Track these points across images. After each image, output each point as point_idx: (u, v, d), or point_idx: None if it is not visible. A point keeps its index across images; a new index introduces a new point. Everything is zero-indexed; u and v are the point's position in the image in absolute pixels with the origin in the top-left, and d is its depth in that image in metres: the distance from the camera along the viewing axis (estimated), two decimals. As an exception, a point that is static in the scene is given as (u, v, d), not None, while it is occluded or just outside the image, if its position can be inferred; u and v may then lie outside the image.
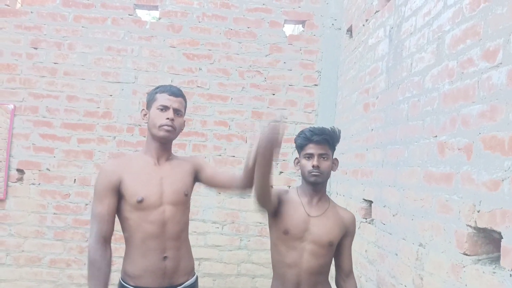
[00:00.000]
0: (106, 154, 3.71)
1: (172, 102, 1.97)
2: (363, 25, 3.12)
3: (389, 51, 2.53)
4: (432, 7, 1.96)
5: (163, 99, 1.97)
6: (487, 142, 1.44)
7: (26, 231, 3.63)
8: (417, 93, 2.06)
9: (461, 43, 1.67)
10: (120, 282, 1.98)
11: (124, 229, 1.98)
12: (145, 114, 2.02)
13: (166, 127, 1.94)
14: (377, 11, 2.82)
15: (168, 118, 1.93)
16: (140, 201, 1.89)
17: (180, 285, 1.97)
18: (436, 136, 1.83)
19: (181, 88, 3.87)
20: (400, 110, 2.28)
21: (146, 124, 2.03)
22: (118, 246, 2.25)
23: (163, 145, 2.01)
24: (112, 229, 1.96)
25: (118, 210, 1.95)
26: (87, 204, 3.67)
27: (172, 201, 1.95)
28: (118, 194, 1.93)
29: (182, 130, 2.08)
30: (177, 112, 1.98)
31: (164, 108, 1.95)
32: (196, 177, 2.10)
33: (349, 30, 3.56)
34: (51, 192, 3.67)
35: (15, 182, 3.65)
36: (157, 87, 2.05)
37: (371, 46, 2.89)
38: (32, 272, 3.63)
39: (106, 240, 1.93)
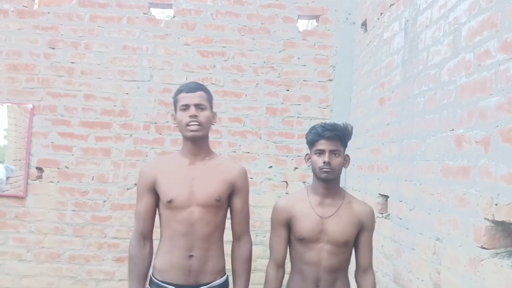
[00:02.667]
0: (123, 151, 3.76)
1: (191, 98, 1.95)
2: (378, 19, 3.09)
3: (405, 44, 2.50)
4: (448, -1, 1.94)
5: (182, 98, 1.97)
6: (505, 135, 1.42)
7: (46, 228, 3.71)
8: (434, 86, 2.04)
9: (477, 35, 1.65)
10: (150, 275, 2.03)
11: (160, 224, 2.03)
12: (175, 118, 2.03)
13: (191, 126, 1.93)
14: (392, 4, 2.79)
15: (190, 116, 1.93)
16: (170, 201, 1.94)
17: (206, 284, 1.96)
18: (453, 130, 1.81)
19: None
20: (416, 104, 2.26)
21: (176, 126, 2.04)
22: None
23: (196, 144, 1.99)
24: (151, 227, 2.03)
25: (157, 206, 2.03)
26: (105, 201, 3.73)
27: (201, 203, 1.94)
28: (155, 193, 1.99)
29: (213, 123, 2.04)
30: (199, 106, 1.95)
31: (186, 107, 1.95)
32: (229, 191, 2.04)
33: (364, 24, 3.53)
34: (70, 190, 3.73)
35: (35, 180, 3.72)
36: (177, 89, 2.05)
37: (386, 39, 2.86)
38: (52, 268, 3.71)
39: (144, 237, 2.01)
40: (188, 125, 1.93)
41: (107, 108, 3.76)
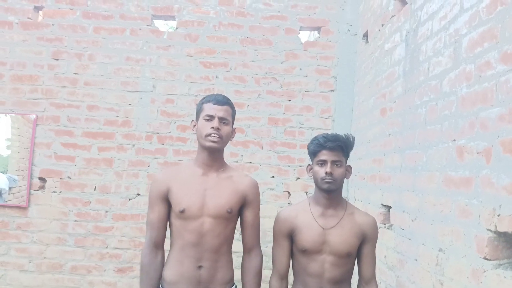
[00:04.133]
0: (126, 162, 3.77)
1: (217, 110, 1.97)
2: (379, 30, 3.12)
3: (406, 55, 2.52)
4: (449, 11, 1.95)
5: (208, 108, 1.98)
6: (507, 145, 1.43)
7: (48, 238, 3.71)
8: (435, 97, 2.05)
9: (478, 46, 1.66)
10: (160, 286, 2.02)
11: (170, 234, 2.03)
12: (194, 125, 2.03)
13: (211, 137, 1.94)
14: (393, 16, 2.82)
15: (213, 127, 1.94)
16: (182, 211, 1.94)
17: None
18: (455, 140, 1.81)
19: (198, 96, 3.93)
20: (417, 115, 2.27)
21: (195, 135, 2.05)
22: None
23: (212, 155, 2.00)
24: (164, 235, 2.03)
25: (168, 216, 2.03)
26: (107, 212, 3.73)
27: (212, 214, 1.95)
28: (168, 202, 1.99)
29: (231, 139, 2.07)
30: (223, 120, 1.97)
31: (210, 118, 1.96)
32: (241, 203, 2.04)
33: (365, 35, 3.56)
34: (72, 200, 3.74)
35: (37, 190, 3.73)
36: (204, 97, 2.06)
37: (388, 50, 2.88)
38: (54, 278, 3.70)
39: (156, 246, 2.02)
40: (209, 136, 1.95)
41: (110, 118, 3.78)
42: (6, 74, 3.76)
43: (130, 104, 3.80)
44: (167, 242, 2.05)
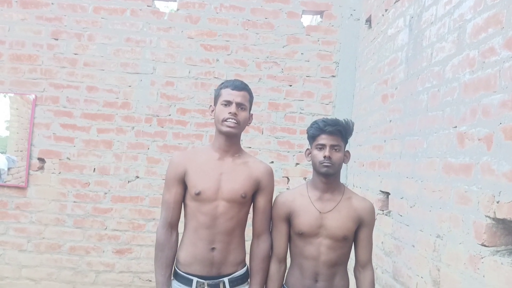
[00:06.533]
0: (125, 144, 3.76)
1: (235, 96, 1.98)
2: (383, 15, 3.08)
3: (409, 41, 2.49)
4: (454, -5, 1.92)
5: (226, 93, 1.99)
6: (508, 132, 1.42)
7: (46, 219, 3.72)
8: (437, 83, 2.03)
9: (482, 32, 1.64)
10: (174, 266, 2.06)
11: (185, 215, 2.06)
12: (212, 110, 2.05)
13: (228, 122, 1.96)
14: (397, 1, 2.78)
15: (230, 113, 1.95)
16: (198, 194, 1.97)
17: (228, 275, 2.01)
18: (456, 127, 1.80)
19: (198, 79, 3.90)
20: (419, 101, 2.25)
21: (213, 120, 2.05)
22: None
23: (228, 140, 2.03)
24: (178, 216, 2.06)
25: (184, 197, 2.05)
26: (105, 193, 3.73)
27: (227, 198, 1.98)
28: (184, 184, 2.02)
29: (248, 124, 2.08)
30: (240, 106, 1.99)
31: (228, 103, 1.97)
32: (255, 189, 2.06)
33: (368, 21, 3.52)
34: (71, 181, 3.74)
35: (36, 170, 3.73)
36: (222, 83, 2.08)
37: (391, 36, 2.85)
38: (53, 258, 3.72)
39: (172, 225, 2.05)
40: (226, 121, 1.96)
41: (110, 100, 3.76)
42: (5, 53, 3.72)
43: (129, 86, 3.77)
44: (180, 225, 2.08)
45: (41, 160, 3.74)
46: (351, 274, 2.11)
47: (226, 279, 2.00)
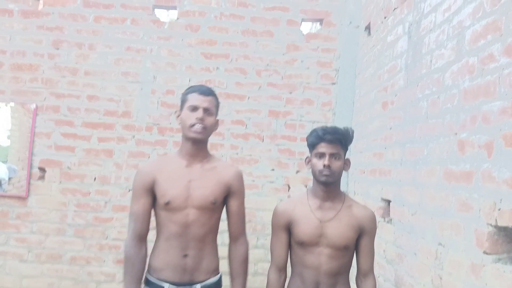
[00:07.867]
0: (126, 153, 3.75)
1: (202, 101, 1.97)
2: (382, 22, 3.09)
3: (408, 48, 2.50)
4: (452, 2, 1.93)
5: (193, 99, 1.98)
6: (509, 139, 1.41)
7: (47, 228, 3.70)
8: (437, 90, 2.03)
9: (481, 38, 1.64)
10: (145, 274, 2.03)
11: (156, 224, 2.04)
12: (178, 116, 2.03)
13: (195, 127, 1.94)
14: (395, 8, 2.79)
15: (197, 118, 1.94)
16: (167, 203, 1.95)
17: (201, 282, 1.99)
18: (456, 134, 1.80)
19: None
20: (419, 108, 2.25)
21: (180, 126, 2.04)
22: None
23: (196, 146, 2.01)
24: (148, 228, 2.03)
25: (153, 206, 2.03)
26: (106, 202, 3.73)
27: (197, 205, 1.96)
28: (153, 194, 1.99)
29: (215, 130, 2.07)
30: (207, 111, 1.97)
31: (194, 108, 1.96)
32: (225, 193, 2.05)
33: (367, 28, 3.53)
34: (72, 190, 3.73)
35: (37, 180, 3.72)
36: (188, 88, 2.07)
37: (390, 43, 2.86)
38: (53, 268, 3.70)
39: (141, 238, 2.00)
40: (193, 126, 1.94)
41: (110, 109, 3.77)
42: (6, 62, 3.73)
43: (130, 95, 3.78)
44: (150, 233, 2.05)
45: (42, 169, 3.73)
46: (353, 283, 2.10)
47: (199, 286, 1.98)
